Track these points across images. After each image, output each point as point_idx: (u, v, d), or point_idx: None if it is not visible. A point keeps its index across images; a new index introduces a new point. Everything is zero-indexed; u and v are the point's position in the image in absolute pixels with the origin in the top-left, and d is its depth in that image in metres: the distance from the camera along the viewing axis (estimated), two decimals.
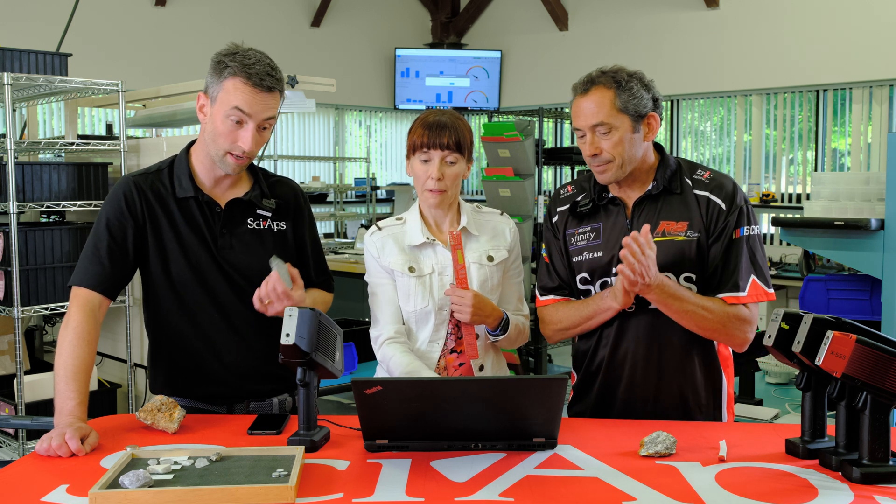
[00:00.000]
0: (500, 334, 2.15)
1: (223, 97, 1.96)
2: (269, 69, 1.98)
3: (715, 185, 2.07)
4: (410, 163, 2.18)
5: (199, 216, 2.07)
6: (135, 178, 2.08)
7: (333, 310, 2.36)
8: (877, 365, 1.53)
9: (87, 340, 1.94)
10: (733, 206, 2.05)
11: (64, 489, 1.54)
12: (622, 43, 8.62)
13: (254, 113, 1.96)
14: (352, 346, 4.08)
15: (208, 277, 2.06)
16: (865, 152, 7.40)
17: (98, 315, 2.00)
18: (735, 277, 2.03)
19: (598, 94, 2.02)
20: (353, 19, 9.68)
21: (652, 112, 2.05)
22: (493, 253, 2.19)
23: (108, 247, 2.02)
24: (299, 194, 2.22)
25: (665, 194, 2.08)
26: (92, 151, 4.11)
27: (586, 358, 2.16)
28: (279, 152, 8.40)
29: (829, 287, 4.63)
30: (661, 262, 1.99)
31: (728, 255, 2.03)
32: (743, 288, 2.02)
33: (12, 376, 3.79)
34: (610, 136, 2.01)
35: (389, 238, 2.22)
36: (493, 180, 6.03)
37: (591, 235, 2.12)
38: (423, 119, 2.16)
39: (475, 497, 1.50)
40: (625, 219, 2.10)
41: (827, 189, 4.37)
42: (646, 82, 2.05)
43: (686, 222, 2.05)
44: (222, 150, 1.99)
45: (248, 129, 1.97)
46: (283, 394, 2.18)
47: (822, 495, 1.50)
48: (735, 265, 2.03)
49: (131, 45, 7.76)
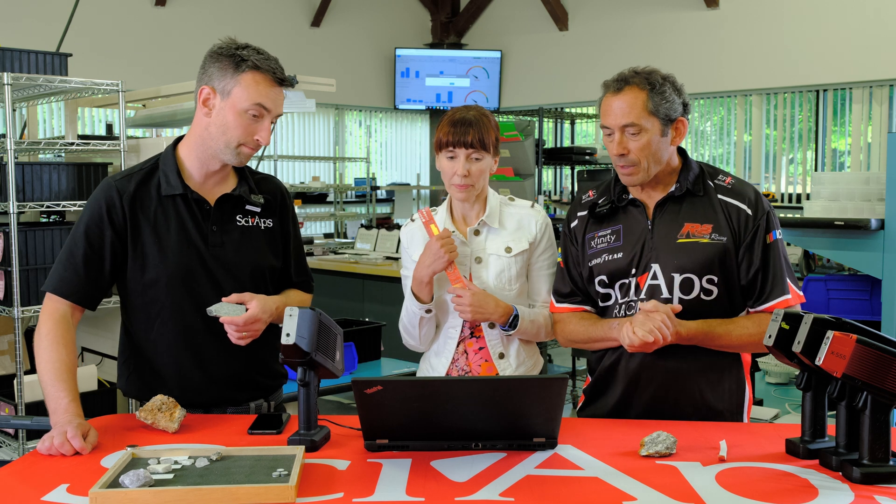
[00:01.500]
0: (509, 330, 2.17)
1: (240, 92, 1.95)
2: (280, 65, 2.02)
3: (737, 191, 2.07)
4: (438, 158, 2.22)
5: (187, 214, 2.04)
6: (117, 183, 2.03)
7: (333, 310, 2.36)
8: (877, 365, 1.53)
9: (63, 343, 1.92)
10: (760, 212, 2.05)
11: (64, 489, 1.54)
12: (622, 43, 8.62)
13: (274, 108, 1.99)
14: (352, 346, 4.07)
15: (195, 278, 2.03)
16: (865, 152, 7.40)
17: (71, 321, 1.98)
18: (782, 284, 2.03)
19: (631, 95, 2.01)
20: (353, 19, 9.68)
21: (681, 117, 2.05)
22: (513, 244, 2.22)
23: (85, 254, 1.99)
24: (285, 192, 2.21)
25: (688, 196, 2.07)
26: (92, 151, 4.11)
27: (601, 363, 2.14)
28: (279, 152, 8.40)
29: (829, 287, 4.63)
30: (686, 263, 2.00)
31: (767, 260, 2.03)
32: (787, 291, 2.03)
33: (12, 376, 3.78)
34: (638, 137, 2.00)
35: (418, 230, 2.29)
36: (493, 180, 6.02)
37: (612, 238, 2.10)
38: (450, 117, 2.20)
39: (475, 497, 1.50)
40: (646, 220, 2.09)
41: (827, 189, 4.37)
42: (677, 86, 2.05)
43: (710, 224, 2.04)
44: (235, 142, 1.98)
45: (265, 122, 1.99)
46: (260, 399, 2.17)
47: (822, 495, 1.50)
48: (778, 271, 2.04)
49: (131, 45, 7.77)
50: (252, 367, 2.11)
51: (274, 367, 2.20)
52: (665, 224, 2.06)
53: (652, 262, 2.04)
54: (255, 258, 2.09)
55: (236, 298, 1.97)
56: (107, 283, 2.04)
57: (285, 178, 8.95)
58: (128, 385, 2.14)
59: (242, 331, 1.96)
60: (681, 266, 2.01)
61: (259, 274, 2.10)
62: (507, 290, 2.21)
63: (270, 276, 2.14)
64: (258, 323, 1.98)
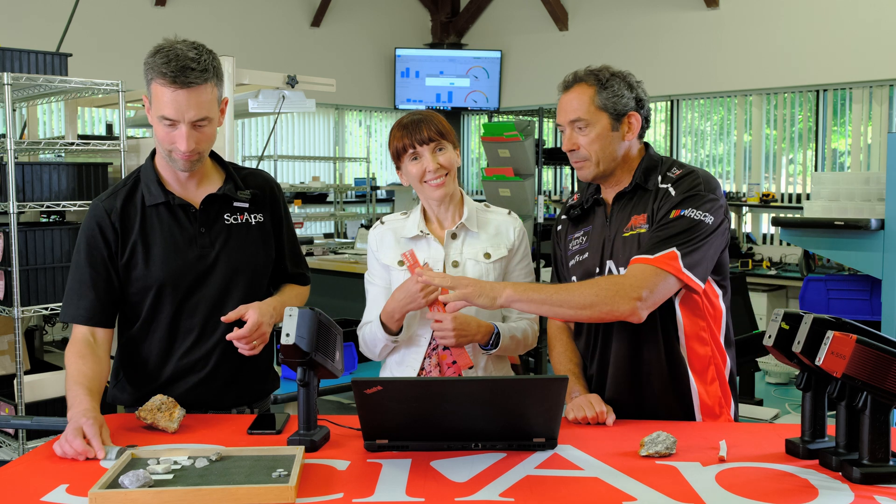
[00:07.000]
0: (490, 349, 2.11)
1: (153, 102, 1.93)
2: (192, 61, 1.87)
3: (679, 178, 2.02)
4: (403, 169, 2.16)
5: (173, 221, 2.04)
6: (104, 203, 2.04)
7: (333, 310, 2.36)
8: (877, 365, 1.53)
9: (81, 356, 1.95)
10: (683, 193, 1.98)
11: (64, 489, 1.54)
12: (622, 43, 8.62)
13: (179, 116, 1.89)
14: (352, 346, 4.07)
15: (186, 284, 2.03)
16: (865, 152, 7.40)
17: (93, 340, 2.00)
18: (653, 244, 1.93)
19: (579, 91, 2.03)
20: (353, 19, 9.68)
21: (633, 111, 2.04)
22: (491, 250, 2.18)
23: (91, 278, 2.02)
24: (274, 185, 2.19)
25: (639, 190, 2.07)
26: (92, 151, 4.11)
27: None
28: (279, 152, 8.41)
29: (829, 287, 4.64)
30: (629, 256, 1.98)
31: (659, 230, 1.95)
32: (654, 252, 1.91)
33: (12, 376, 3.78)
34: (586, 132, 2.02)
35: (389, 231, 2.23)
36: (493, 180, 6.03)
37: (584, 239, 2.12)
38: (398, 124, 2.15)
39: (475, 497, 1.49)
40: (605, 217, 2.10)
41: (827, 189, 4.37)
42: (630, 82, 2.04)
43: (646, 214, 2.03)
44: (166, 150, 1.97)
45: (181, 130, 1.91)
46: (243, 406, 2.17)
47: (822, 495, 1.50)
48: (660, 236, 1.93)
49: (131, 45, 7.73)
50: (239, 373, 2.11)
51: (269, 370, 2.20)
52: (617, 220, 2.06)
53: (607, 259, 2.05)
54: (247, 255, 2.09)
55: (234, 316, 1.98)
56: (117, 299, 2.07)
57: (285, 178, 8.95)
58: (118, 396, 2.13)
59: (252, 340, 1.97)
60: (626, 259, 1.98)
61: (252, 270, 2.10)
62: None
63: (265, 271, 2.14)
64: (262, 327, 1.98)
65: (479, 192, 9.92)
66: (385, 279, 2.21)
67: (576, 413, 1.95)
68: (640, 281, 1.89)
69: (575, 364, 2.16)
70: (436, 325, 2.04)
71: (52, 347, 4.79)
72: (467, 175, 10.49)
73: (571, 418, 1.95)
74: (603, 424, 1.93)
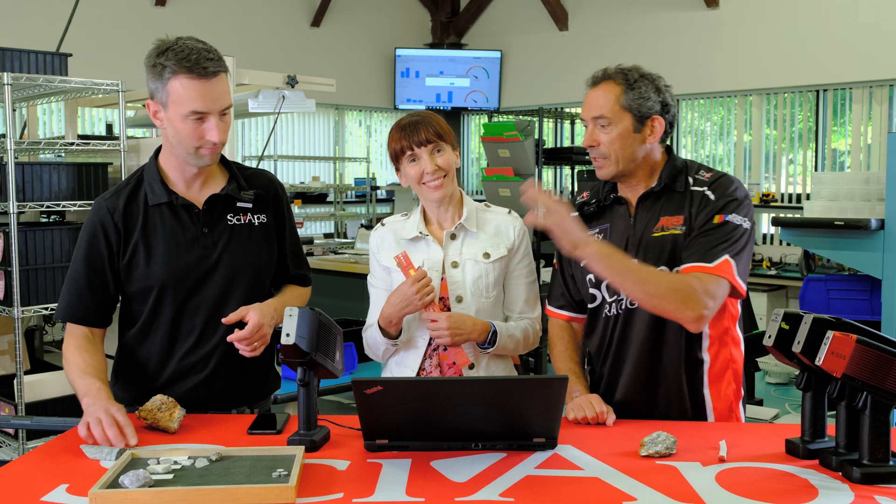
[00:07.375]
0: (488, 347, 2.11)
1: (174, 100, 1.91)
2: (206, 52, 1.90)
3: (712, 181, 2.05)
4: (401, 170, 2.16)
5: (175, 221, 2.03)
6: (106, 202, 2.04)
7: (333, 310, 2.36)
8: (877, 365, 1.53)
9: (84, 349, 1.97)
10: (723, 197, 2.00)
11: (64, 489, 1.54)
12: (622, 43, 8.62)
13: (209, 108, 1.91)
14: (352, 346, 4.08)
15: (189, 284, 2.03)
16: (865, 152, 7.39)
17: (91, 336, 2.02)
18: (706, 250, 1.95)
19: (605, 89, 2.04)
20: (353, 19, 9.68)
21: (657, 115, 2.04)
22: (491, 250, 2.17)
23: (87, 277, 2.02)
24: (278, 186, 2.19)
25: (667, 191, 2.07)
26: (92, 151, 4.11)
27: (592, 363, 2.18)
28: (279, 152, 8.41)
29: (829, 287, 4.64)
30: (660, 256, 1.99)
31: (706, 235, 1.97)
32: (711, 261, 1.93)
33: (12, 376, 3.78)
34: (608, 130, 2.02)
35: (390, 233, 2.23)
36: (493, 180, 6.03)
37: (600, 236, 2.10)
38: (396, 125, 2.16)
39: (475, 497, 1.49)
40: (629, 217, 2.10)
41: (827, 189, 4.37)
42: (658, 85, 2.05)
43: (682, 216, 2.03)
44: (192, 147, 1.95)
45: (211, 122, 1.92)
46: (243, 406, 2.17)
47: (822, 495, 1.50)
48: (710, 242, 1.95)
49: (131, 45, 7.71)
50: (238, 375, 2.11)
51: (269, 371, 2.20)
52: (644, 219, 2.06)
53: (634, 258, 2.04)
54: (250, 256, 2.09)
55: (235, 317, 1.98)
56: (113, 300, 2.07)
57: (285, 178, 8.95)
58: (120, 391, 2.13)
59: (253, 342, 1.97)
60: (656, 259, 1.99)
61: (254, 271, 2.10)
62: (483, 297, 2.14)
63: (267, 273, 2.14)
64: (263, 328, 1.98)
65: (479, 192, 9.92)
66: (387, 281, 2.21)
67: (576, 413, 1.95)
68: (708, 292, 1.90)
69: (576, 364, 2.16)
70: (431, 325, 2.06)
71: (52, 347, 4.78)
72: (467, 175, 10.49)
73: (571, 418, 1.96)
74: (603, 424, 1.93)
